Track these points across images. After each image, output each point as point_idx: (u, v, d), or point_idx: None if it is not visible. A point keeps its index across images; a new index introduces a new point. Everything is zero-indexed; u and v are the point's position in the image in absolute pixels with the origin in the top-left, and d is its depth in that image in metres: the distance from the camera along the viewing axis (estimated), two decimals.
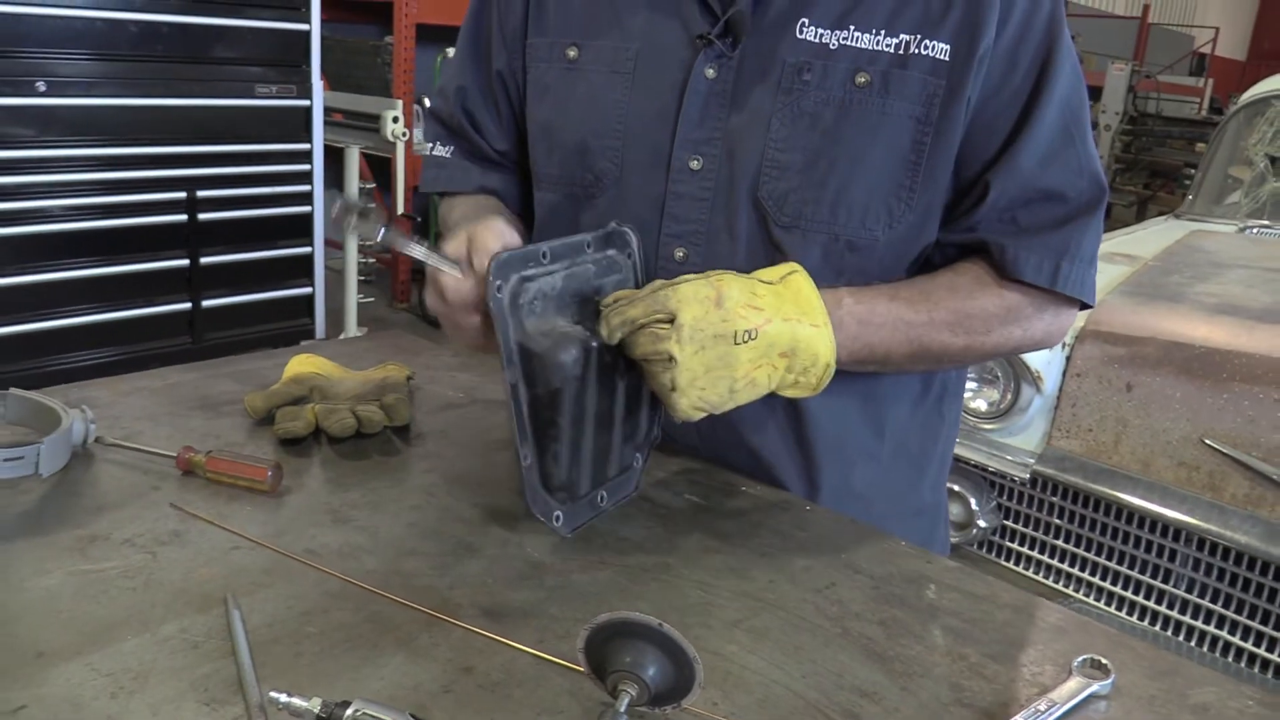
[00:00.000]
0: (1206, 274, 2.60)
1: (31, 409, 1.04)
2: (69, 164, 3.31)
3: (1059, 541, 2.24)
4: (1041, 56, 1.00)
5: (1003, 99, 1.00)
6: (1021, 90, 1.00)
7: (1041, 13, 1.00)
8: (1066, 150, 1.02)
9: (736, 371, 0.90)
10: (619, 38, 1.06)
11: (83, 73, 3.29)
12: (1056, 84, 1.01)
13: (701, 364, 0.88)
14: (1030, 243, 1.01)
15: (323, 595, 0.81)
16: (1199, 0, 19.06)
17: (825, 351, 0.93)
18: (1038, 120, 1.00)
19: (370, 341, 1.46)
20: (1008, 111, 1.00)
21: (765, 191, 1.01)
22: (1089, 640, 0.84)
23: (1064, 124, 1.01)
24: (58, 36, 3.20)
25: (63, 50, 3.23)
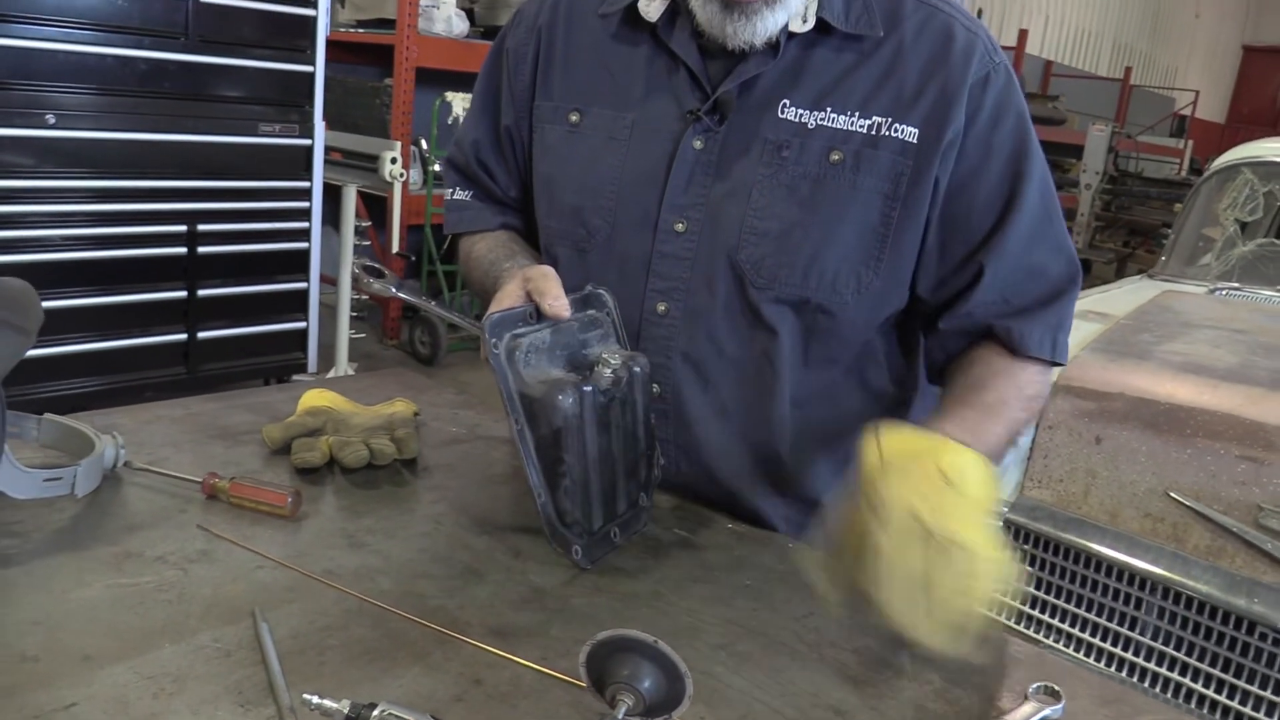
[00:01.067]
0: (1175, 333, 2.70)
1: (64, 433, 1.11)
2: (74, 195, 3.39)
3: (1031, 588, 2.31)
4: (1017, 142, 1.10)
5: (984, 184, 1.10)
6: (1003, 175, 1.10)
7: (1012, 101, 1.11)
8: (1047, 230, 1.12)
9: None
10: (618, 107, 1.16)
11: (91, 106, 3.38)
12: (1033, 168, 1.11)
13: None
14: (1031, 320, 1.11)
15: (342, 612, 0.88)
16: (1180, 64, 19.50)
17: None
18: (1021, 204, 1.10)
19: (378, 379, 1.53)
20: (991, 196, 1.10)
21: (744, 256, 1.10)
22: (1044, 670, 0.92)
23: (1044, 205, 1.12)
24: (69, 71, 3.30)
25: (73, 85, 3.33)
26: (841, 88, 1.09)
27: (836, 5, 1.09)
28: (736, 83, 1.09)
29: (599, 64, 1.18)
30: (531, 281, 1.02)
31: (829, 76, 1.10)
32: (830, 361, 1.15)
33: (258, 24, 3.70)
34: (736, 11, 1.04)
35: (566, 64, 1.21)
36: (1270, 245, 3.52)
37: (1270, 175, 3.59)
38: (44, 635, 0.80)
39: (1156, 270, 3.75)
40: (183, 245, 3.70)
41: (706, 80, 1.11)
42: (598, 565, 1.00)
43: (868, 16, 1.09)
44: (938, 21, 1.10)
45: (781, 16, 1.05)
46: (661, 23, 1.13)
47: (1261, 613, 1.97)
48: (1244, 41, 22.15)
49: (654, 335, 1.15)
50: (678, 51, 1.12)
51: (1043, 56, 14.30)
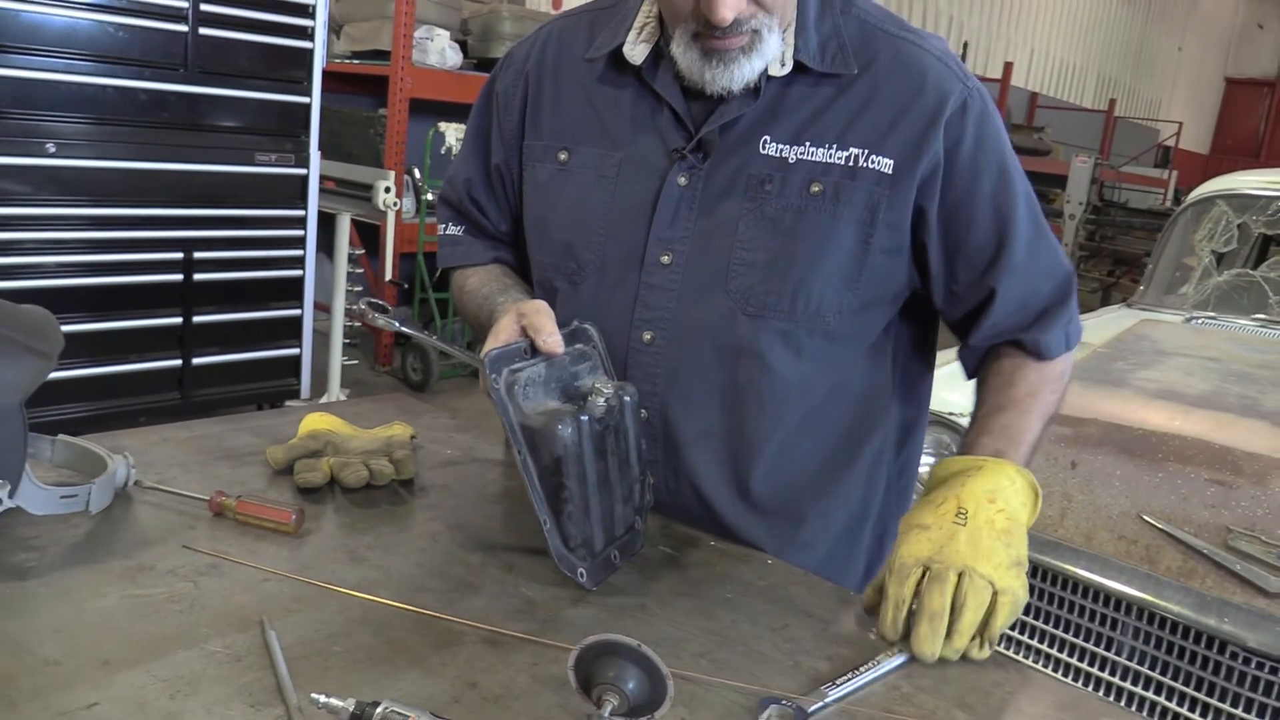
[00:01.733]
0: (1150, 361, 2.78)
1: (77, 453, 1.17)
2: (73, 222, 3.45)
3: None
4: (1000, 160, 1.18)
5: (979, 205, 1.17)
6: (994, 194, 1.17)
7: (990, 121, 1.18)
8: (1041, 238, 1.21)
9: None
10: (606, 146, 1.22)
11: (91, 136, 3.45)
12: (1018, 182, 1.19)
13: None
14: (1048, 327, 1.21)
15: (345, 621, 0.93)
16: (1164, 96, 19.78)
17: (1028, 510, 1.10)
18: (1015, 220, 1.18)
19: (376, 404, 1.59)
20: (986, 215, 1.17)
21: (734, 285, 1.16)
22: (1004, 675, 0.97)
23: (1033, 217, 1.20)
24: (70, 101, 3.37)
25: (73, 114, 3.40)
26: (819, 122, 1.15)
27: (812, 46, 1.15)
28: (718, 124, 1.16)
29: (587, 105, 1.24)
30: (525, 317, 1.09)
31: (807, 112, 1.16)
32: (813, 385, 1.21)
33: (255, 56, 3.78)
34: (715, 59, 1.10)
35: (555, 105, 1.27)
36: (1245, 275, 3.61)
37: (1244, 207, 3.68)
38: (65, 641, 0.85)
39: (1135, 299, 3.84)
40: (179, 272, 3.76)
41: (690, 120, 1.18)
42: (600, 586, 1.05)
43: (842, 55, 1.16)
44: (909, 55, 1.17)
45: (759, 64, 1.11)
46: (646, 66, 1.19)
47: (1231, 632, 2.03)
48: (1226, 74, 22.48)
49: (641, 363, 1.21)
50: (662, 93, 1.18)
51: (1028, 88, 14.49)
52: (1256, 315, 3.42)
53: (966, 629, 0.96)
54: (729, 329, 1.18)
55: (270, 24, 3.79)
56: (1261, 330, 3.33)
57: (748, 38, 1.09)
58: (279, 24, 3.81)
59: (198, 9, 3.57)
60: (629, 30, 1.21)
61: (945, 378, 2.56)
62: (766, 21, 1.09)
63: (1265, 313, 3.42)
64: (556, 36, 1.30)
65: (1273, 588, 2.01)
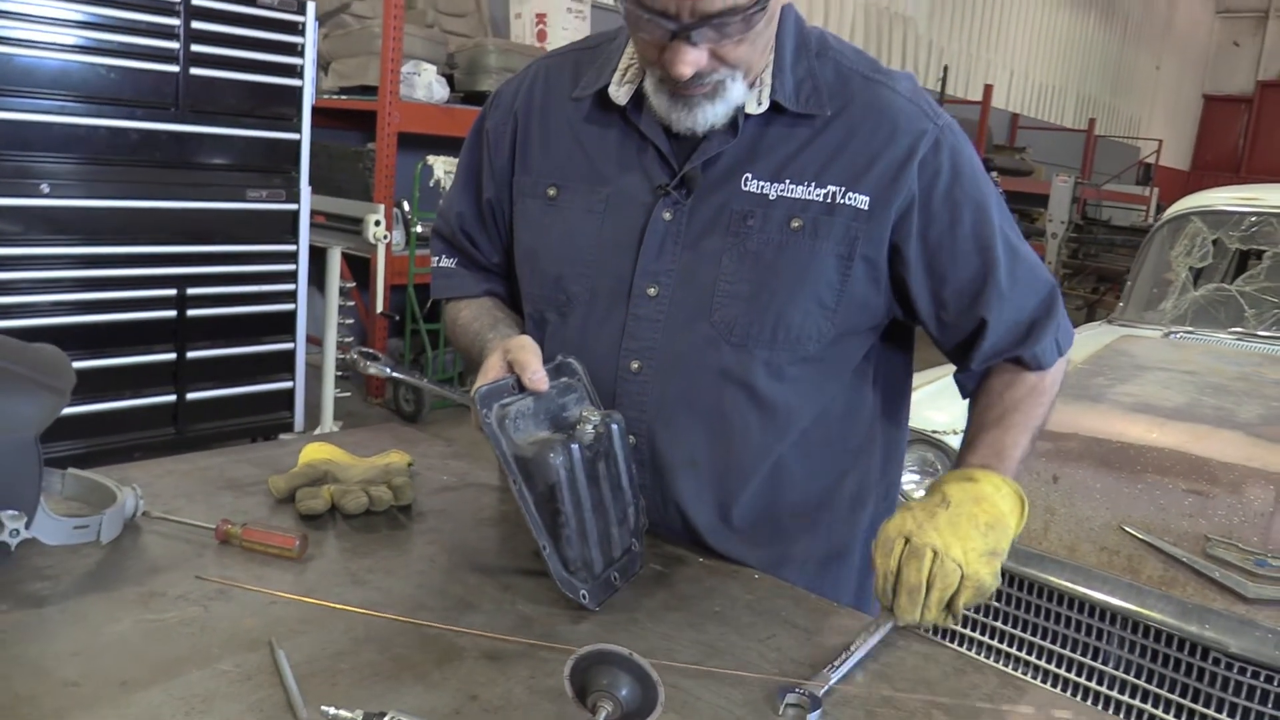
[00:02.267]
0: (1128, 376, 2.84)
1: (86, 486, 1.21)
2: (67, 261, 3.49)
3: (998, 623, 2.41)
4: (976, 195, 1.23)
5: (960, 236, 1.22)
6: (974, 229, 1.23)
7: (964, 153, 1.24)
8: (1020, 263, 1.27)
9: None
10: (593, 182, 1.28)
11: (84, 175, 3.49)
12: (994, 213, 1.24)
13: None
14: (1039, 340, 1.27)
15: (350, 640, 0.97)
16: (1143, 114, 20.02)
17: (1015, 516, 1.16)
18: (995, 250, 1.23)
19: (373, 433, 1.63)
20: (968, 246, 1.23)
21: (718, 316, 1.22)
22: (982, 677, 1.02)
23: (1010, 243, 1.26)
24: (63, 142, 3.41)
25: (66, 155, 3.44)
26: (798, 161, 1.21)
27: (788, 88, 1.21)
28: (700, 160, 1.21)
29: (574, 142, 1.30)
30: (511, 354, 1.15)
31: (786, 151, 1.22)
32: (796, 410, 1.26)
33: (245, 94, 3.83)
34: (680, 103, 1.16)
35: (543, 142, 1.32)
36: (1221, 290, 3.68)
37: (1218, 223, 3.76)
38: (83, 664, 0.89)
39: (1115, 316, 3.90)
40: (172, 308, 3.80)
41: (673, 157, 1.23)
42: (602, 607, 1.09)
43: (816, 97, 1.22)
44: (883, 98, 1.23)
45: (722, 109, 1.17)
46: (630, 106, 1.25)
47: (1214, 638, 2.08)
48: (1204, 91, 22.77)
49: (628, 391, 1.25)
50: (646, 133, 1.24)
51: (1009, 110, 14.67)
52: (1233, 329, 3.49)
53: (934, 605, 1.06)
54: (713, 358, 1.23)
55: (259, 63, 3.84)
56: (1238, 343, 3.40)
57: (710, 87, 1.14)
58: (268, 63, 3.87)
59: (188, 50, 3.62)
60: (613, 71, 1.27)
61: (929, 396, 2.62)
62: (729, 74, 1.14)
63: (1241, 326, 3.49)
64: (544, 76, 1.36)
65: (1251, 594, 2.06)
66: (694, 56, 1.09)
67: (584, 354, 1.24)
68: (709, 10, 1.06)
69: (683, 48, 1.09)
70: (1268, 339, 3.39)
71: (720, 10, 1.06)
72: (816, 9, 10.92)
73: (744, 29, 1.09)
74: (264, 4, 3.84)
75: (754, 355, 1.22)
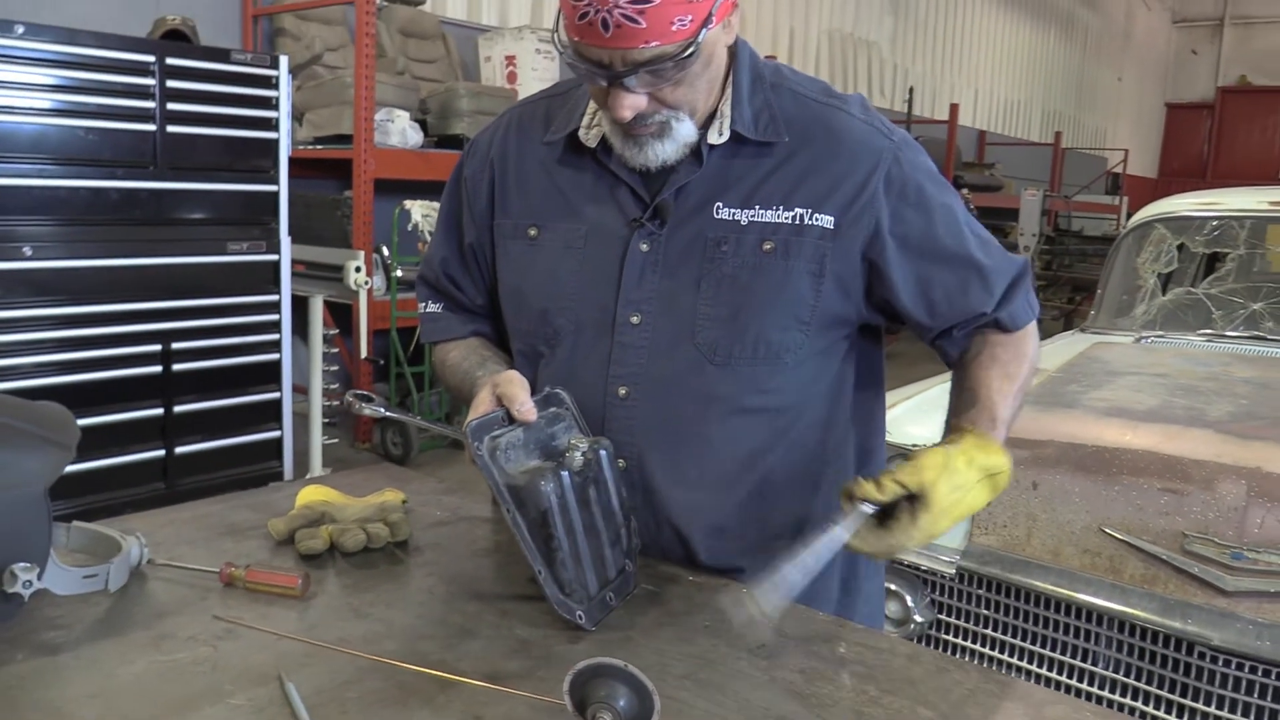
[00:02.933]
0: (1101, 382, 2.90)
1: (91, 537, 1.25)
2: (51, 322, 3.52)
3: (987, 630, 2.45)
4: (941, 199, 1.32)
5: (937, 240, 1.31)
6: (946, 227, 1.31)
7: (920, 160, 1.32)
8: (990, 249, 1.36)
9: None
10: (572, 221, 1.34)
11: (65, 236, 3.53)
12: (958, 210, 1.34)
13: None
14: (1011, 299, 1.35)
15: (356, 670, 1.01)
16: (1108, 125, 20.35)
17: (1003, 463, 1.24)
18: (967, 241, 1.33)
19: (366, 474, 1.67)
20: (946, 247, 1.31)
21: (701, 339, 1.28)
22: (965, 675, 1.06)
23: (975, 233, 1.34)
24: (43, 205, 3.45)
25: (47, 217, 3.48)
26: (765, 187, 1.28)
27: (747, 118, 1.28)
28: (671, 191, 1.28)
29: (551, 184, 1.36)
30: (500, 387, 1.21)
31: (753, 179, 1.29)
32: (779, 421, 1.31)
33: (223, 149, 3.89)
34: (632, 141, 1.24)
35: (520, 186, 1.38)
36: (1189, 293, 3.76)
37: (1181, 229, 3.85)
38: (101, 705, 0.93)
39: (1088, 324, 3.98)
40: (158, 364, 3.83)
41: (645, 192, 1.30)
42: (599, 626, 1.13)
43: (774, 125, 1.29)
44: (838, 121, 1.30)
45: (671, 147, 1.24)
46: (599, 147, 1.31)
47: (1196, 632, 2.12)
48: (1166, 100, 23.16)
49: (617, 416, 1.30)
50: (618, 172, 1.30)
51: (975, 127, 14.89)
52: (1203, 331, 3.56)
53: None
54: (698, 379, 1.28)
55: (235, 118, 3.91)
56: (1208, 344, 3.47)
57: (656, 127, 1.22)
58: (243, 117, 3.94)
59: (164, 108, 3.68)
60: (582, 115, 1.33)
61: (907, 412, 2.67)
62: (671, 114, 1.21)
63: (1210, 328, 3.56)
64: (516, 124, 1.42)
65: (1230, 586, 2.11)
66: (632, 100, 1.17)
67: (573, 383, 1.29)
68: (639, 59, 1.13)
69: (620, 93, 1.16)
70: (1235, 339, 3.47)
71: (649, 58, 1.13)
72: (781, 37, 11.10)
73: (678, 72, 1.16)
74: (237, 60, 3.91)
75: (737, 373, 1.28)
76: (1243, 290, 3.65)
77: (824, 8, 11.81)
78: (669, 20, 1.11)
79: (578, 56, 1.16)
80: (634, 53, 1.12)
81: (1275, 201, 3.82)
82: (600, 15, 1.10)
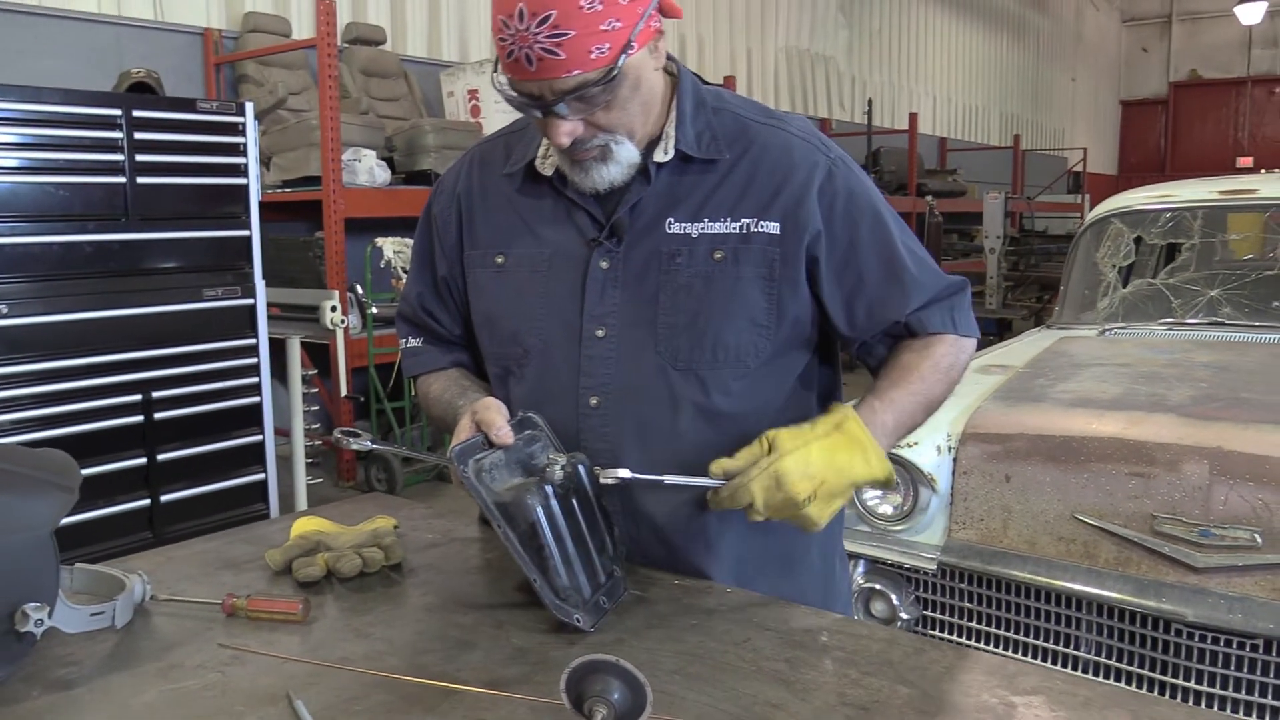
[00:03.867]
0: (1067, 374, 2.98)
1: (94, 578, 1.29)
2: (28, 378, 3.52)
3: (971, 623, 2.51)
4: (871, 209, 1.40)
5: (862, 252, 1.37)
6: (872, 237, 1.38)
7: (854, 176, 1.40)
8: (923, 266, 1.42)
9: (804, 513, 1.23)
10: (535, 246, 1.41)
11: (40, 292, 3.54)
12: (891, 225, 1.41)
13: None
14: (928, 310, 1.40)
15: (361, 686, 1.05)
16: (1066, 126, 20.66)
17: (870, 473, 1.27)
18: (897, 254, 1.39)
19: (357, 504, 1.71)
20: (870, 257, 1.38)
21: (662, 347, 1.34)
22: (940, 654, 1.12)
23: (909, 249, 1.41)
24: (17, 262, 3.46)
25: (21, 274, 3.49)
26: (712, 201, 1.36)
27: (690, 138, 1.36)
28: (625, 210, 1.35)
29: (513, 213, 1.43)
30: (478, 414, 1.28)
31: (701, 194, 1.37)
32: (746, 420, 1.37)
33: (193, 197, 3.92)
34: (577, 166, 1.32)
35: (486, 218, 1.46)
36: (1148, 285, 3.86)
37: (1137, 223, 3.95)
38: None
39: (1053, 320, 4.07)
40: (139, 413, 3.83)
41: (600, 212, 1.37)
42: (598, 628, 1.19)
43: (716, 144, 1.37)
44: (778, 138, 1.39)
45: (615, 169, 1.31)
46: (555, 176, 1.39)
47: (1170, 609, 2.20)
48: (1121, 98, 23.57)
49: (591, 426, 1.36)
50: (574, 198, 1.38)
51: (936, 135, 15.09)
52: (1163, 320, 3.66)
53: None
54: (663, 383, 1.35)
55: (204, 166, 3.94)
56: (1168, 333, 3.57)
57: (597, 151, 1.29)
58: (212, 165, 3.97)
59: (133, 160, 3.71)
60: (538, 147, 1.41)
61: None
62: (609, 138, 1.29)
63: (1171, 316, 3.66)
64: (479, 161, 1.50)
65: (1200, 564, 2.19)
66: (568, 127, 1.25)
67: (546, 397, 1.36)
68: (564, 88, 1.21)
69: (555, 121, 1.25)
70: (1195, 326, 3.57)
71: (574, 86, 1.21)
72: (739, 58, 11.25)
73: (606, 96, 1.24)
74: (203, 109, 3.95)
75: (700, 376, 1.35)
76: (1200, 279, 3.75)
77: (779, 26, 11.98)
78: (587, 50, 1.19)
79: (512, 91, 1.25)
80: (558, 83, 1.21)
81: (1225, 191, 3.94)
82: (523, 51, 1.19)
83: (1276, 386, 2.71)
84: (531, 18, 1.17)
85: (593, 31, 1.18)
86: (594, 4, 1.18)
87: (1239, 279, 3.67)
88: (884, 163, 11.08)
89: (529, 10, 1.17)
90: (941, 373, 1.40)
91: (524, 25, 1.17)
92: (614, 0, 1.19)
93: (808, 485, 1.21)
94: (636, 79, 1.27)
